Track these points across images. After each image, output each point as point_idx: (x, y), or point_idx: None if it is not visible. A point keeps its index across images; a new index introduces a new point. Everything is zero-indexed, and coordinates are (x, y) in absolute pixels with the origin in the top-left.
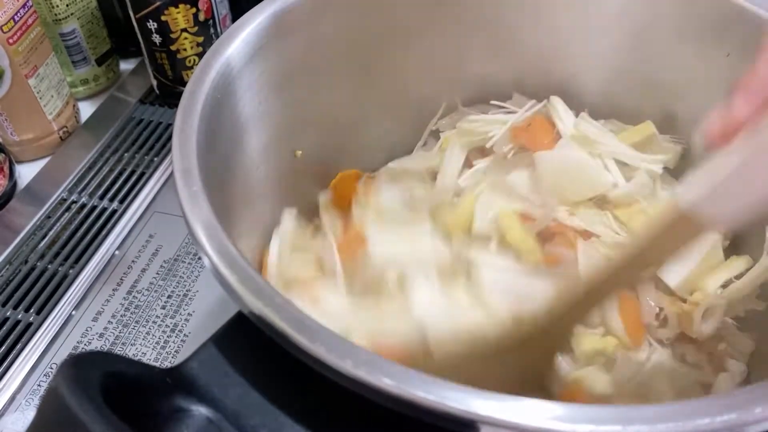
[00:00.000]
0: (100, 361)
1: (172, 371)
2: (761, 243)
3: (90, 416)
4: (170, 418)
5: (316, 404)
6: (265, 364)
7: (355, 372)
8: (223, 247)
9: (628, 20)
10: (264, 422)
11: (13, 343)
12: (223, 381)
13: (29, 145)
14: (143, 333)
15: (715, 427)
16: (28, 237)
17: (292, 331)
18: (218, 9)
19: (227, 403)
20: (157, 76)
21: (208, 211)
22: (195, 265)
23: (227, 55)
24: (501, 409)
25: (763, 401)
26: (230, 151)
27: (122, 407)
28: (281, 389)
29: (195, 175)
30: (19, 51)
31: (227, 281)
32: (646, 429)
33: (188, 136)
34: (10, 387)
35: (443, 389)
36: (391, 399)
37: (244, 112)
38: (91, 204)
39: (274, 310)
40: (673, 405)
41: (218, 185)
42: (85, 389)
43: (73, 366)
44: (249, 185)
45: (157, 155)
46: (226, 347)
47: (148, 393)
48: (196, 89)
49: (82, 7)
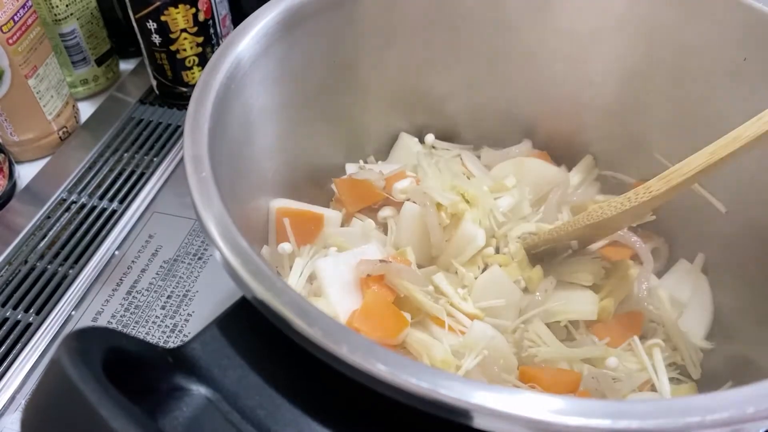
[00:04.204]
0: (102, 336)
1: (174, 351)
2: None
3: (90, 387)
4: (169, 396)
5: (314, 388)
6: (266, 348)
7: (351, 357)
8: (228, 232)
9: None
10: (261, 403)
11: (13, 343)
12: (223, 362)
13: (29, 145)
14: (143, 333)
15: (706, 424)
16: (28, 237)
17: (292, 316)
18: (218, 9)
19: (226, 383)
20: (156, 76)
21: (216, 196)
22: (195, 265)
23: (241, 48)
24: (493, 399)
25: (755, 400)
26: (242, 142)
27: (123, 382)
28: (280, 373)
29: (205, 162)
30: (18, 51)
31: (231, 265)
32: (636, 424)
33: (200, 124)
34: (9, 387)
35: (437, 377)
36: (384, 385)
37: (257, 104)
38: (91, 204)
39: (275, 294)
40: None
41: (228, 174)
42: (87, 362)
43: (75, 339)
44: (259, 176)
45: (157, 155)
46: (227, 330)
47: (149, 370)
48: (209, 79)
49: (82, 7)
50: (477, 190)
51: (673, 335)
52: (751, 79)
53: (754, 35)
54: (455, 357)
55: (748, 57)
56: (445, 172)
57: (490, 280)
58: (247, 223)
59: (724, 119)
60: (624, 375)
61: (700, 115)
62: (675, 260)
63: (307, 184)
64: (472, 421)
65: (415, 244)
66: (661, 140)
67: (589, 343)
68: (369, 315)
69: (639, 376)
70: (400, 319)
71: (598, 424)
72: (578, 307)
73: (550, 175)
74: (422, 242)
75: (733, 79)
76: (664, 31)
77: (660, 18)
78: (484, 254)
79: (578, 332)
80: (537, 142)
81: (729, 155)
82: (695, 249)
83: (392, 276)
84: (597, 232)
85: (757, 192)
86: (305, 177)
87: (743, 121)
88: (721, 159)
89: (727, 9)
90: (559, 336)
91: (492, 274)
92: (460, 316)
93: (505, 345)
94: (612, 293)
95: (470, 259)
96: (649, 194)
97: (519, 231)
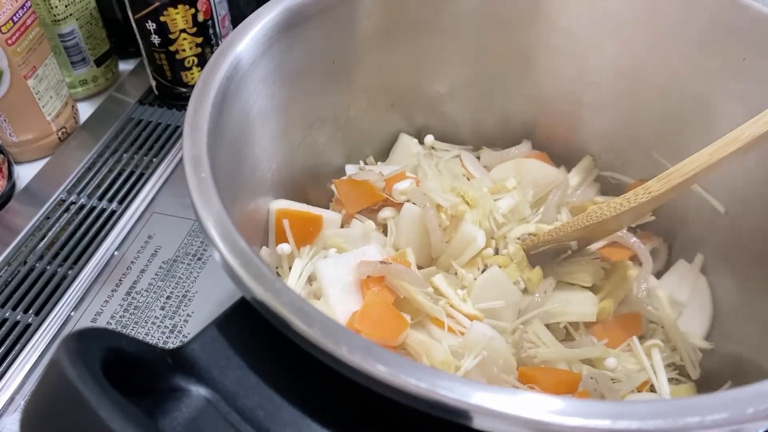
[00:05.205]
0: (102, 337)
1: (174, 352)
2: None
3: (89, 388)
4: (169, 397)
5: (313, 388)
6: (265, 349)
7: (350, 357)
8: (228, 232)
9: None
10: (261, 404)
11: (12, 343)
12: (222, 363)
13: (28, 145)
14: (142, 334)
15: (706, 425)
16: (27, 238)
17: (291, 316)
18: (217, 10)
19: (226, 384)
20: (156, 76)
21: (216, 197)
22: (194, 266)
23: (241, 48)
24: (493, 400)
25: (754, 401)
26: (241, 142)
27: (122, 383)
28: (279, 373)
29: (204, 163)
30: (18, 51)
31: (231, 266)
32: (635, 424)
33: (199, 124)
34: (9, 388)
35: (436, 378)
36: (384, 386)
37: (257, 105)
38: (90, 205)
39: (274, 295)
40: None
41: (227, 174)
42: (86, 363)
43: (75, 340)
44: (258, 176)
45: (156, 156)
46: (227, 331)
47: (149, 371)
48: (209, 79)
49: (81, 7)
50: (477, 191)
51: (672, 336)
52: (751, 80)
53: (753, 35)
54: (455, 358)
55: (747, 57)
56: (445, 174)
57: (489, 281)
58: (246, 224)
59: (724, 120)
60: (623, 375)
61: (700, 115)
62: (674, 261)
63: (306, 185)
64: (472, 422)
65: (415, 246)
66: (661, 141)
67: (589, 343)
68: (369, 316)
69: (638, 377)
70: (400, 321)
71: (598, 425)
72: (578, 309)
73: (550, 176)
74: (422, 243)
75: (733, 80)
76: (664, 31)
77: (659, 18)
78: (483, 255)
79: (577, 333)
80: (536, 142)
81: (729, 155)
82: (694, 249)
83: (392, 277)
84: (596, 232)
85: (757, 192)
86: (305, 178)
87: (743, 121)
88: (720, 159)
89: (726, 9)
90: (559, 336)
91: (491, 275)
92: (459, 317)
93: (504, 346)
94: (611, 294)
95: (470, 260)
96: (648, 195)
97: (518, 232)
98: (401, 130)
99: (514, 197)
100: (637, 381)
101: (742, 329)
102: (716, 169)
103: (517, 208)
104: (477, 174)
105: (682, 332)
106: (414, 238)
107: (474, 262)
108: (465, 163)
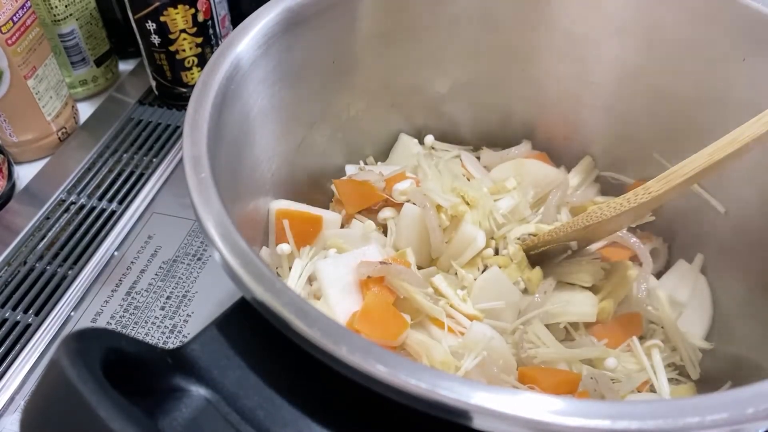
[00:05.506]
0: (102, 337)
1: (174, 352)
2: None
3: (89, 388)
4: (169, 397)
5: (313, 388)
6: (265, 349)
7: (350, 357)
8: (228, 233)
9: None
10: (261, 404)
11: (12, 344)
12: (222, 363)
13: (28, 146)
14: (142, 334)
15: (705, 425)
16: (27, 238)
17: (291, 316)
18: (217, 10)
19: (226, 384)
20: (156, 76)
21: (215, 197)
22: (194, 266)
23: (240, 48)
24: (493, 400)
25: (754, 401)
26: (241, 143)
27: (122, 383)
28: (279, 373)
29: (204, 163)
30: (18, 52)
31: (230, 266)
32: (635, 425)
33: (199, 124)
34: (9, 388)
35: (436, 378)
36: (384, 386)
37: (257, 105)
38: (90, 205)
39: (274, 295)
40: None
41: (227, 175)
42: (86, 363)
43: (75, 340)
44: (258, 177)
45: (156, 156)
46: (227, 331)
47: (149, 371)
48: (209, 80)
49: (81, 7)
50: (477, 191)
51: (672, 336)
52: (750, 80)
53: (753, 35)
54: (455, 358)
55: (747, 57)
56: (445, 174)
57: (489, 281)
58: (246, 224)
59: (724, 120)
60: (623, 375)
61: (700, 115)
62: (674, 261)
63: (306, 185)
64: (472, 422)
65: (415, 246)
66: (661, 141)
67: (589, 343)
68: (369, 316)
69: (638, 377)
70: (400, 321)
71: (598, 425)
72: (578, 309)
73: (550, 176)
74: (422, 244)
75: (732, 80)
76: (664, 31)
77: (659, 18)
78: (483, 255)
79: (577, 333)
80: (536, 143)
81: (729, 156)
82: (694, 249)
83: (392, 277)
84: (596, 233)
85: (757, 192)
86: (305, 178)
87: (743, 121)
88: (720, 160)
89: (726, 9)
90: (559, 337)
91: (491, 275)
92: (459, 317)
93: (504, 346)
94: (611, 294)
95: (470, 260)
96: (648, 195)
97: (518, 232)
98: (401, 130)
99: (514, 197)
100: (637, 381)
101: (742, 329)
102: (716, 169)
103: (517, 208)
104: (477, 174)
105: (682, 332)
106: (414, 238)
107: (474, 263)
108: (465, 164)
